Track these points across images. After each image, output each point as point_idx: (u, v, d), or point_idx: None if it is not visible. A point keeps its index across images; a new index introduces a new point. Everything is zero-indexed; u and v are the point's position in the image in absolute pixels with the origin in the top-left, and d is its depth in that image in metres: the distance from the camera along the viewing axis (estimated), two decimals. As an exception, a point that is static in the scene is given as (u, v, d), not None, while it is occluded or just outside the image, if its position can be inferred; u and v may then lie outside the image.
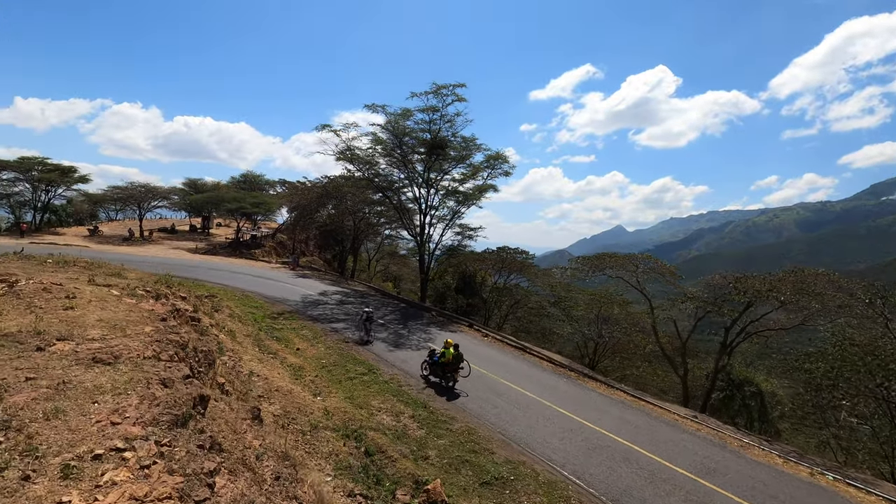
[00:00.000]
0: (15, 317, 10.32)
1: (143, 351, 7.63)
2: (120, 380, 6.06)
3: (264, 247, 57.89)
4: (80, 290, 13.46)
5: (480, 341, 25.71)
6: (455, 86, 30.45)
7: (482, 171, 35.85)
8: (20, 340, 7.52)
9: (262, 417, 10.22)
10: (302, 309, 27.73)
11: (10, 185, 47.65)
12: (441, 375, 18.09)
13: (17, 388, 5.29)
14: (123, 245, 47.28)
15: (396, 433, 14.59)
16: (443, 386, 18.17)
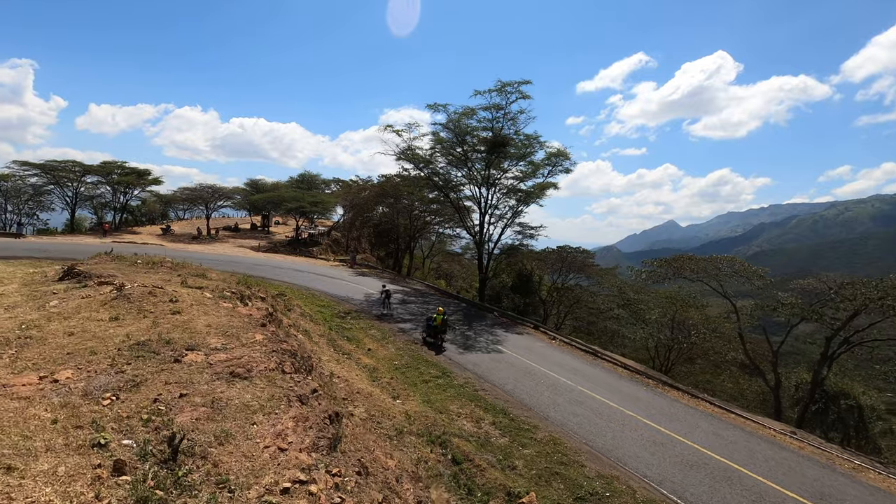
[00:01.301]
0: (133, 321, 10.81)
1: (266, 362, 7.71)
2: (262, 396, 6.09)
3: (321, 245, 59.35)
4: (178, 293, 14.02)
5: (548, 345, 25.12)
6: (520, 83, 29.85)
7: (542, 168, 35.08)
8: (155, 350, 7.78)
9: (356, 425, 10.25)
10: (367, 308, 28.04)
11: (94, 187, 51.10)
12: (434, 336, 22.06)
13: (178, 407, 5.38)
14: (193, 243, 49.65)
15: (480, 440, 14.37)
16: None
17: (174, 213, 66.91)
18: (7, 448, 3.67)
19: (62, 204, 49.69)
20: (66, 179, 48.25)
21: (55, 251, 30.96)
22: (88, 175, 49.25)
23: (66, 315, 11.54)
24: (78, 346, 8.33)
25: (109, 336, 9.13)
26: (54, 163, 47.29)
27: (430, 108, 32.52)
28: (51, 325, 10.77)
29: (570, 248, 37.47)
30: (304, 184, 66.61)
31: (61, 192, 49.41)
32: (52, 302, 13.38)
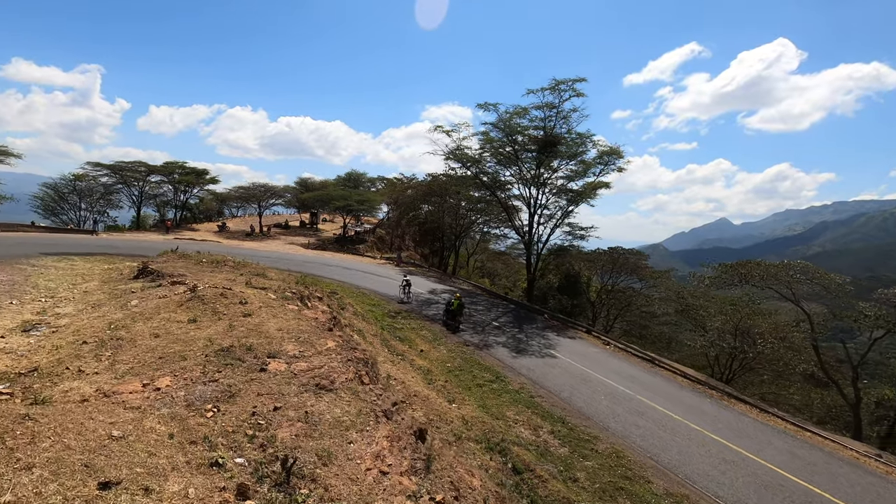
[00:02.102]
0: (210, 324, 11.23)
1: (345, 373, 7.78)
2: (351, 411, 6.13)
3: (367, 242, 60.35)
4: (246, 295, 14.47)
5: (602, 350, 24.45)
6: (574, 81, 29.11)
7: (594, 167, 34.14)
8: (239, 357, 8.01)
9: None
10: (416, 308, 28.18)
11: (157, 186, 54.01)
12: (452, 318, 24.76)
13: (276, 422, 5.49)
14: (247, 240, 51.57)
15: (539, 449, 14.12)
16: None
17: (228, 211, 69.83)
18: (139, 467, 3.82)
19: (129, 202, 52.85)
20: (133, 179, 51.22)
21: (125, 248, 32.86)
22: (153, 175, 52.11)
23: (147, 315, 12.16)
24: (166, 350, 8.72)
25: (192, 339, 9.52)
26: (123, 163, 50.32)
27: (480, 107, 32.33)
28: (136, 325, 11.37)
29: (622, 250, 36.36)
30: (351, 182, 67.94)
31: (128, 191, 52.54)
32: (132, 301, 14.16)
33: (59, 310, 13.82)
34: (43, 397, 5.83)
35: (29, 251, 25.22)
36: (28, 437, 3.71)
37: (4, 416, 3.98)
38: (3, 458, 3.35)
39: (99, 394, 6.02)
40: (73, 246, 30.41)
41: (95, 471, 3.54)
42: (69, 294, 16.71)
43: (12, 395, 6.41)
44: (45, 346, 9.67)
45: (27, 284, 17.26)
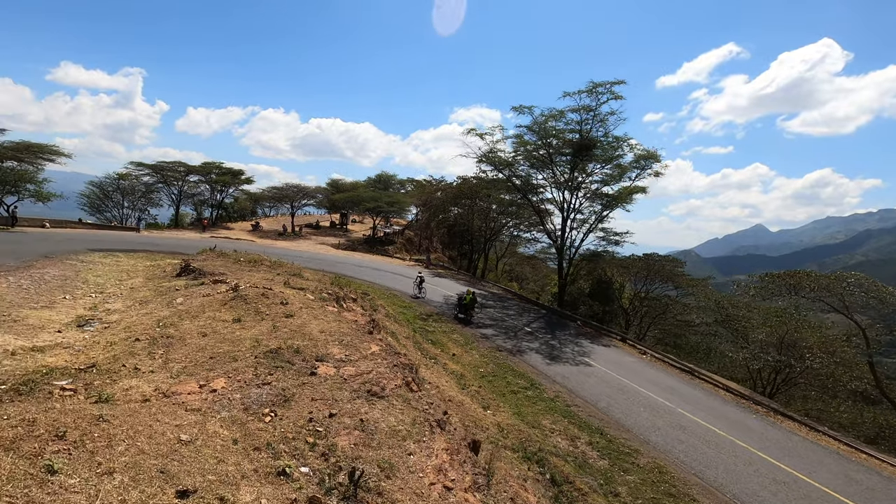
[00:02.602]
0: (255, 324, 11.35)
1: (393, 379, 7.69)
2: (405, 420, 6.03)
3: (395, 243, 60.68)
4: (285, 295, 14.61)
5: (639, 360, 23.78)
6: (613, 83, 28.50)
7: (630, 171, 33.36)
8: (288, 360, 8.03)
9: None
10: (447, 311, 28.05)
11: (195, 186, 55.62)
12: (464, 312, 25.63)
13: (333, 429, 5.43)
14: (279, 239, 52.50)
15: (577, 461, 13.76)
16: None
17: (262, 210, 71.35)
18: (211, 474, 3.79)
19: (169, 201, 54.57)
20: (173, 178, 52.90)
21: (165, 245, 33.83)
22: (191, 174, 53.70)
23: (193, 314, 12.40)
24: (216, 350, 8.82)
25: (239, 339, 9.63)
26: (163, 163, 52.06)
27: (515, 110, 31.99)
28: (183, 323, 11.59)
29: (657, 256, 35.40)
30: (381, 184, 68.51)
31: (168, 190, 54.28)
32: (178, 299, 14.49)
33: (109, 305, 14.26)
34: (106, 395, 5.93)
35: (77, 247, 26.18)
36: (105, 440, 3.73)
37: (80, 416, 4.02)
38: (85, 461, 3.37)
39: (158, 394, 6.09)
40: (118, 242, 31.52)
41: (171, 477, 3.52)
42: (117, 290, 17.25)
43: (75, 391, 6.56)
44: (99, 342, 9.96)
45: (77, 279, 17.89)
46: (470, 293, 26.11)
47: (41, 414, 3.84)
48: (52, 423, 3.70)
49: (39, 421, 3.67)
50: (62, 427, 3.68)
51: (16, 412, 3.81)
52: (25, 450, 3.23)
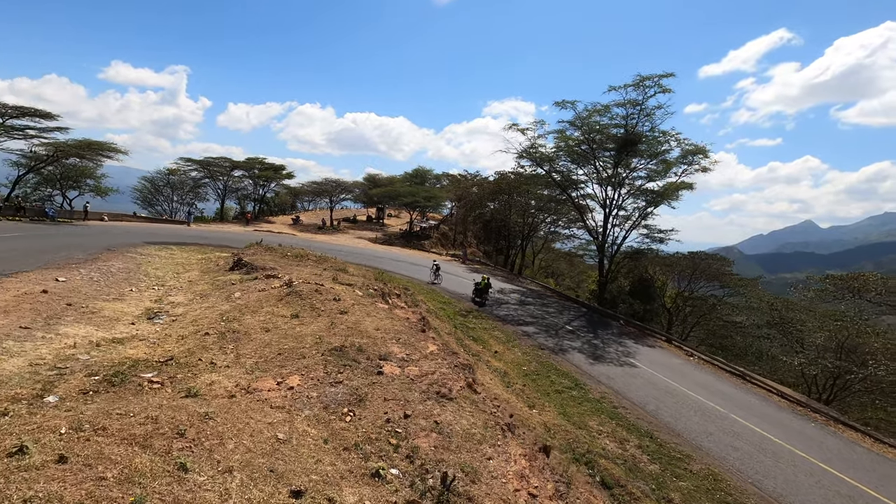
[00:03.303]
0: (312, 321, 11.66)
1: (457, 380, 7.77)
2: (476, 423, 6.11)
3: (431, 238, 60.99)
4: (336, 291, 14.92)
5: (686, 361, 23.15)
6: (661, 76, 27.64)
7: (675, 166, 32.31)
8: (354, 358, 8.23)
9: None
10: (487, 308, 28.03)
11: (239, 180, 57.41)
12: (480, 296, 27.31)
13: (411, 431, 5.55)
14: (319, 233, 53.58)
15: (627, 464, 13.55)
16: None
17: (300, 204, 73.03)
18: (314, 474, 3.97)
19: (215, 195, 56.59)
20: (219, 173, 54.75)
21: (213, 238, 35.07)
22: (236, 169, 55.43)
23: (252, 308, 12.85)
24: (282, 346, 9.13)
25: (301, 336, 9.92)
26: (210, 159, 53.92)
27: (558, 105, 31.43)
28: (245, 318, 12.04)
29: (704, 255, 34.25)
30: (417, 178, 68.93)
31: (214, 185, 56.23)
32: (235, 293, 15.05)
33: (173, 298, 14.97)
34: (195, 391, 6.25)
35: (135, 240, 27.49)
36: (217, 438, 3.95)
37: (190, 414, 4.26)
38: (206, 459, 3.58)
39: (240, 389, 6.37)
40: (170, 235, 32.91)
41: (281, 477, 3.70)
42: (176, 283, 18.08)
43: (162, 384, 6.93)
44: (171, 335, 10.48)
45: (140, 272, 18.81)
46: (485, 279, 28.06)
47: (160, 412, 4.09)
48: (171, 421, 3.94)
49: (161, 419, 3.92)
50: (181, 425, 3.91)
51: (139, 409, 4.07)
52: (157, 447, 3.46)
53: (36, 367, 7.34)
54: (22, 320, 9.60)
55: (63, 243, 22.83)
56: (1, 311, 9.87)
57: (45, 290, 12.51)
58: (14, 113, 32.96)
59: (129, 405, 4.34)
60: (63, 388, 6.60)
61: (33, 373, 7.03)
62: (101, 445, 3.29)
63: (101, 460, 3.04)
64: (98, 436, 3.42)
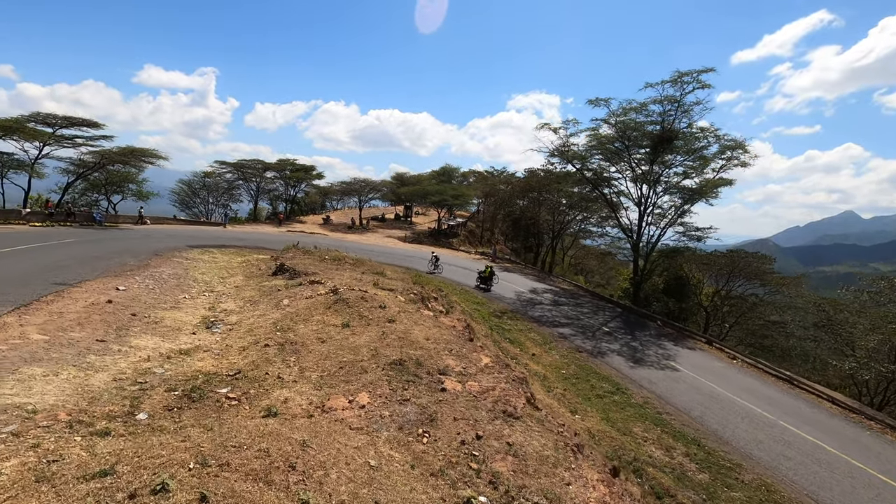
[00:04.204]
0: (363, 330, 11.90)
1: (518, 396, 7.85)
2: (547, 444, 6.19)
3: (459, 236, 61.13)
4: (380, 297, 15.14)
5: (728, 365, 22.65)
6: (700, 72, 26.93)
7: (713, 162, 31.52)
8: (414, 373, 8.40)
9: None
10: (521, 308, 27.98)
11: (270, 181, 58.68)
12: (483, 282, 29.72)
13: (487, 454, 5.67)
14: (349, 233, 54.33)
15: (675, 473, 13.42)
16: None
17: (329, 204, 74.16)
18: (413, 505, 4.14)
19: (248, 196, 58.03)
20: (251, 175, 56.09)
21: (249, 240, 35.96)
22: (268, 171, 56.69)
23: (303, 317, 13.20)
24: (341, 359, 9.38)
25: (355, 347, 10.14)
26: (243, 161, 55.28)
27: (591, 103, 31.00)
28: (298, 327, 12.39)
29: (743, 253, 33.33)
30: (444, 176, 69.12)
31: (247, 186, 57.64)
32: (284, 301, 15.46)
33: (224, 305, 15.50)
34: (271, 408, 6.52)
35: (178, 244, 28.44)
36: (321, 469, 4.15)
37: (291, 443, 4.48)
38: (319, 492, 3.78)
39: (315, 408, 6.61)
40: (209, 238, 33.90)
41: (386, 509, 3.88)
42: (224, 288, 18.67)
43: (239, 401, 7.26)
44: (231, 345, 10.89)
45: (188, 278, 19.49)
46: (488, 268, 30.67)
47: (265, 441, 4.33)
48: (279, 452, 4.17)
49: (271, 451, 4.14)
50: (289, 457, 4.13)
51: (249, 442, 4.31)
52: (278, 483, 3.67)
53: (120, 381, 7.77)
54: (96, 333, 10.14)
55: (114, 248, 23.82)
56: (76, 324, 10.44)
57: (110, 300, 13.14)
58: (63, 123, 34.49)
59: (237, 435, 4.59)
60: (149, 405, 6.98)
61: (119, 388, 7.45)
62: (230, 482, 3.51)
63: (238, 499, 3.26)
64: (224, 471, 3.65)
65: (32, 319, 10.44)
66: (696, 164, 31.61)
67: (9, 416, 5.84)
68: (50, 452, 4.83)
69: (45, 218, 31.93)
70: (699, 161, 31.41)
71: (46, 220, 31.89)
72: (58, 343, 9.02)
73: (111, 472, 3.62)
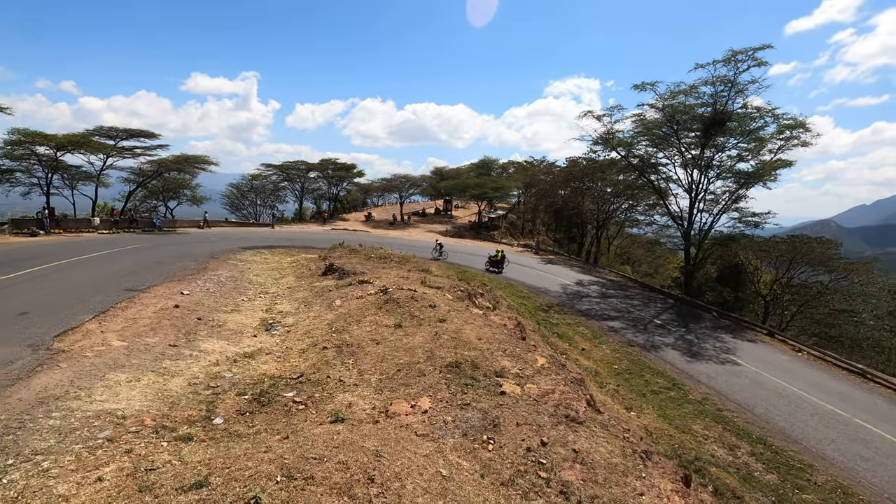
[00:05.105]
0: (415, 330, 12.02)
1: (578, 399, 7.73)
2: (614, 451, 6.08)
3: (500, 228, 60.70)
4: (428, 296, 15.24)
5: (793, 358, 21.47)
6: (755, 49, 25.35)
7: (771, 143, 29.69)
8: (472, 376, 8.43)
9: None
10: (567, 301, 27.54)
11: (314, 181, 60.22)
12: (494, 266, 31.23)
13: (554, 461, 5.63)
14: (391, 229, 54.99)
15: (741, 473, 12.88)
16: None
17: (370, 200, 75.37)
18: (489, 518, 4.18)
19: (293, 197, 59.85)
20: (296, 175, 57.74)
21: (297, 240, 36.99)
22: (311, 171, 58.20)
23: (356, 317, 13.49)
24: (397, 361, 9.54)
25: (410, 348, 10.28)
26: (288, 162, 57.04)
27: (636, 87, 29.85)
28: (352, 328, 12.68)
29: (806, 238, 31.34)
30: (483, 168, 68.79)
31: (292, 187, 59.41)
32: (336, 301, 15.85)
33: (280, 307, 16.09)
34: (337, 413, 6.73)
35: (231, 246, 29.66)
36: (398, 481, 4.25)
37: (366, 454, 4.61)
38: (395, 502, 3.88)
39: (379, 413, 6.76)
40: (258, 239, 35.16)
41: (464, 522, 3.93)
42: (277, 289, 19.34)
43: (305, 405, 7.53)
44: (291, 348, 11.31)
45: (244, 280, 20.30)
46: (500, 252, 32.26)
47: (341, 452, 4.47)
48: (357, 464, 4.30)
49: (350, 463, 4.28)
50: (366, 469, 4.25)
51: (327, 453, 4.47)
52: (361, 496, 3.80)
53: (194, 386, 8.22)
54: (168, 338, 10.77)
55: (174, 253, 25.14)
56: (150, 329, 11.12)
57: (177, 304, 13.89)
58: (124, 135, 36.67)
59: (314, 446, 4.76)
60: (223, 409, 7.36)
61: (194, 393, 7.88)
62: (318, 496, 3.66)
63: (329, 515, 3.41)
64: (310, 485, 3.81)
65: (111, 326, 11.20)
66: (751, 146, 29.89)
67: (102, 421, 6.29)
68: (143, 458, 5.18)
69: (111, 225, 34.11)
70: (755, 143, 29.68)
71: (112, 227, 34.05)
72: (136, 349, 9.63)
73: (206, 484, 3.85)
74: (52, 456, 5.27)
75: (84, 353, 8.98)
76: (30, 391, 7.10)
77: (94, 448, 5.53)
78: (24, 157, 32.59)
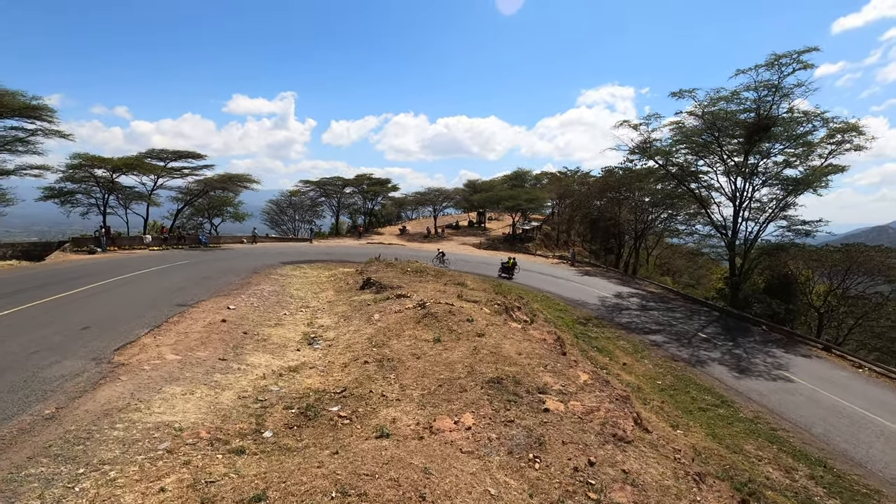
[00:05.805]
0: (454, 345, 12.03)
1: (625, 417, 7.54)
2: (666, 473, 5.89)
3: (534, 240, 60.17)
4: (465, 310, 15.23)
5: (854, 374, 20.19)
6: (801, 52, 24.43)
7: (819, 148, 28.34)
8: (514, 392, 8.36)
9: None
10: (606, 314, 26.94)
11: (349, 196, 61.57)
12: (506, 272, 32.28)
13: (604, 483, 5.50)
14: (425, 242, 55.40)
15: (799, 497, 12.16)
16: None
17: (405, 214, 76.31)
18: (541, 540, 4.14)
19: (330, 212, 61.34)
20: (332, 191, 59.22)
21: (335, 254, 37.82)
22: (347, 186, 59.57)
23: (395, 332, 13.63)
24: (438, 376, 9.58)
25: (450, 363, 10.31)
26: (325, 179, 58.62)
27: (674, 95, 29.19)
28: (391, 342, 12.82)
29: (863, 247, 29.61)
30: (517, 180, 68.61)
31: (329, 202, 60.94)
32: (374, 315, 16.09)
33: (320, 321, 16.46)
34: (382, 428, 6.81)
35: (272, 261, 30.61)
36: (447, 498, 4.28)
37: (414, 470, 4.67)
38: (451, 525, 3.91)
39: (424, 429, 6.80)
40: (298, 254, 36.14)
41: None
42: (318, 304, 19.81)
43: (350, 420, 7.66)
44: (333, 362, 11.54)
45: (285, 294, 20.88)
46: (511, 259, 33.49)
47: (393, 469, 4.54)
48: (407, 481, 4.36)
49: (401, 480, 4.34)
50: (417, 486, 4.30)
51: (378, 469, 4.55)
52: (413, 515, 3.85)
53: (244, 399, 8.51)
54: (217, 352, 11.20)
55: (220, 268, 26.17)
56: (201, 343, 11.60)
57: (224, 319, 14.44)
58: (173, 157, 38.71)
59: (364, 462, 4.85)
60: (272, 422, 7.58)
61: (244, 406, 8.15)
62: (372, 514, 3.73)
63: (383, 533, 3.47)
64: (364, 501, 3.89)
65: (165, 340, 11.75)
66: (799, 152, 28.64)
67: (161, 433, 6.60)
68: (201, 470, 5.40)
69: (161, 242, 35.87)
70: (803, 147, 28.42)
71: (162, 244, 35.81)
72: (188, 363, 10.06)
73: (264, 498, 4.00)
74: (118, 466, 5.56)
75: (142, 367, 9.46)
76: (95, 403, 7.53)
77: (155, 459, 5.81)
78: (84, 180, 34.86)
